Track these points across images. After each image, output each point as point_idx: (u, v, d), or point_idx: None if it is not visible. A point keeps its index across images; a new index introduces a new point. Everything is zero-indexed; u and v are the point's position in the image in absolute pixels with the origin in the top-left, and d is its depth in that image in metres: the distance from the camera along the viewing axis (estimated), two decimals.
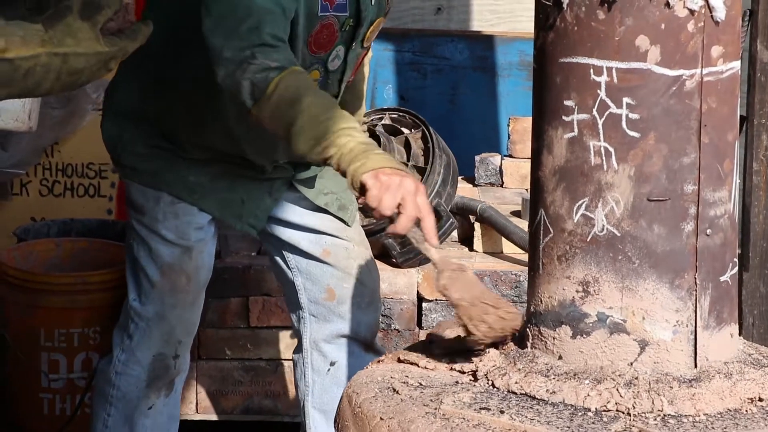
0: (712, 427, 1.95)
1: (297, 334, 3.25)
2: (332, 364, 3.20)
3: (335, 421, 2.15)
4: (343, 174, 2.46)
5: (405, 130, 3.86)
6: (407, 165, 3.77)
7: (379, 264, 3.49)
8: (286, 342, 3.87)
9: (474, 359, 2.16)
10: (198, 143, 3.02)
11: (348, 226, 3.15)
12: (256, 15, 2.65)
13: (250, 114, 2.64)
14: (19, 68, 1.76)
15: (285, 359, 3.86)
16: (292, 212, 3.13)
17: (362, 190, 2.41)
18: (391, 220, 2.39)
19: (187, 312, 3.13)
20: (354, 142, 2.47)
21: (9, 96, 1.78)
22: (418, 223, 2.37)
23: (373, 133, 3.79)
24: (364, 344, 3.21)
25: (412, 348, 2.29)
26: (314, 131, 2.51)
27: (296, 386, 3.29)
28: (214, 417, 3.84)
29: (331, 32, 2.85)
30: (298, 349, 3.25)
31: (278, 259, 3.18)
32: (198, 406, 3.84)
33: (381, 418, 2.02)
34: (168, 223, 3.06)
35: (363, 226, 3.33)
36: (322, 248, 3.13)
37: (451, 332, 2.26)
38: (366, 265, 3.17)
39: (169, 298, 3.10)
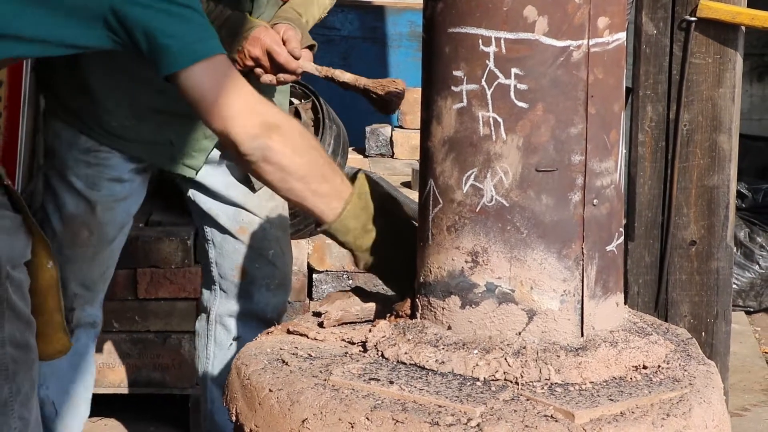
0: (598, 395, 1.97)
1: (204, 307, 3.22)
2: (235, 339, 3.19)
3: (224, 393, 2.13)
4: None
5: (295, 101, 3.84)
6: None
7: None
8: (174, 314, 3.83)
9: (364, 330, 2.16)
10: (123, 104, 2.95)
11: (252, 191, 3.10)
12: None
13: None
14: None
15: (174, 331, 3.82)
16: (220, 179, 3.07)
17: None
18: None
19: (86, 266, 3.06)
20: None
21: None
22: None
23: None
24: (269, 324, 3.19)
25: (302, 319, 2.28)
26: None
27: (197, 357, 3.27)
28: (100, 390, 3.78)
29: None
30: (203, 321, 3.22)
31: (200, 229, 3.17)
32: None
33: (270, 390, 2.01)
34: (79, 171, 2.98)
35: None
36: (239, 225, 3.10)
37: (341, 303, 2.26)
38: (281, 247, 3.16)
39: (68, 249, 3.03)
